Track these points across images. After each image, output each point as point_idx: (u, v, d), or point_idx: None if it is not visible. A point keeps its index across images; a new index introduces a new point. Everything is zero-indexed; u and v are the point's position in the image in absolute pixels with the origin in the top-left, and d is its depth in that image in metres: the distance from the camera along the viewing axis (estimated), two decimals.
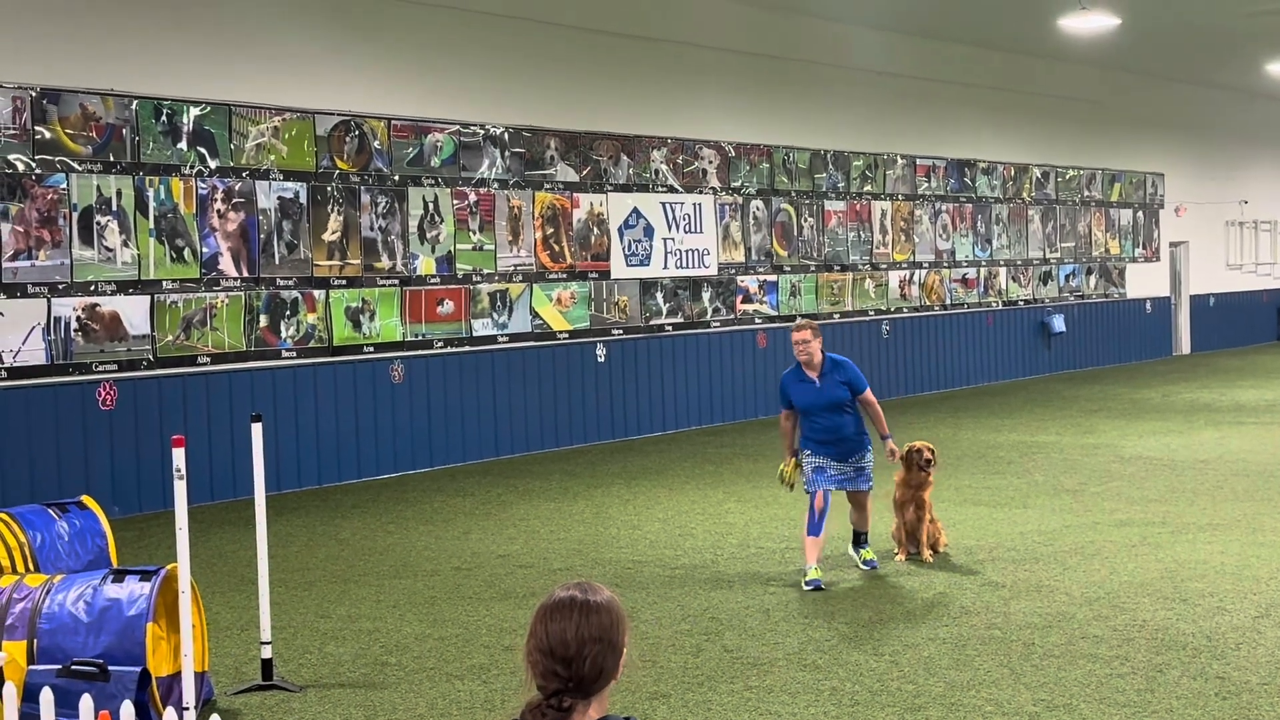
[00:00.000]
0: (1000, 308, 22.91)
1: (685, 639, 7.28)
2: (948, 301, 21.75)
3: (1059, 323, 23.94)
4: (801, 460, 8.90)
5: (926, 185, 21.25)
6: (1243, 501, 10.87)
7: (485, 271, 14.82)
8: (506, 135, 15.02)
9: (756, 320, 18.20)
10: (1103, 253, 25.48)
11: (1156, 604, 7.67)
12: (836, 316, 19.49)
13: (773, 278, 18.44)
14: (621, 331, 16.32)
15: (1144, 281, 26.67)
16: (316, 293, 13.34)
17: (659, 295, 16.81)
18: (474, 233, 14.71)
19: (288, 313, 13.12)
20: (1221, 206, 29.08)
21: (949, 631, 7.26)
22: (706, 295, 17.46)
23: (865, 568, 8.96)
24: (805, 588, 8.35)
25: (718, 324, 17.64)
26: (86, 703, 2.99)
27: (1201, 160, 28.61)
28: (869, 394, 9.07)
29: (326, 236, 13.42)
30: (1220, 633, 7.02)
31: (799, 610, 7.83)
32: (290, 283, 13.13)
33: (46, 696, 3.15)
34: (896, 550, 9.21)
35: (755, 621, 7.60)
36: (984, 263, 22.54)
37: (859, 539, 9.16)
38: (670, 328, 16.97)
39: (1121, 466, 13.02)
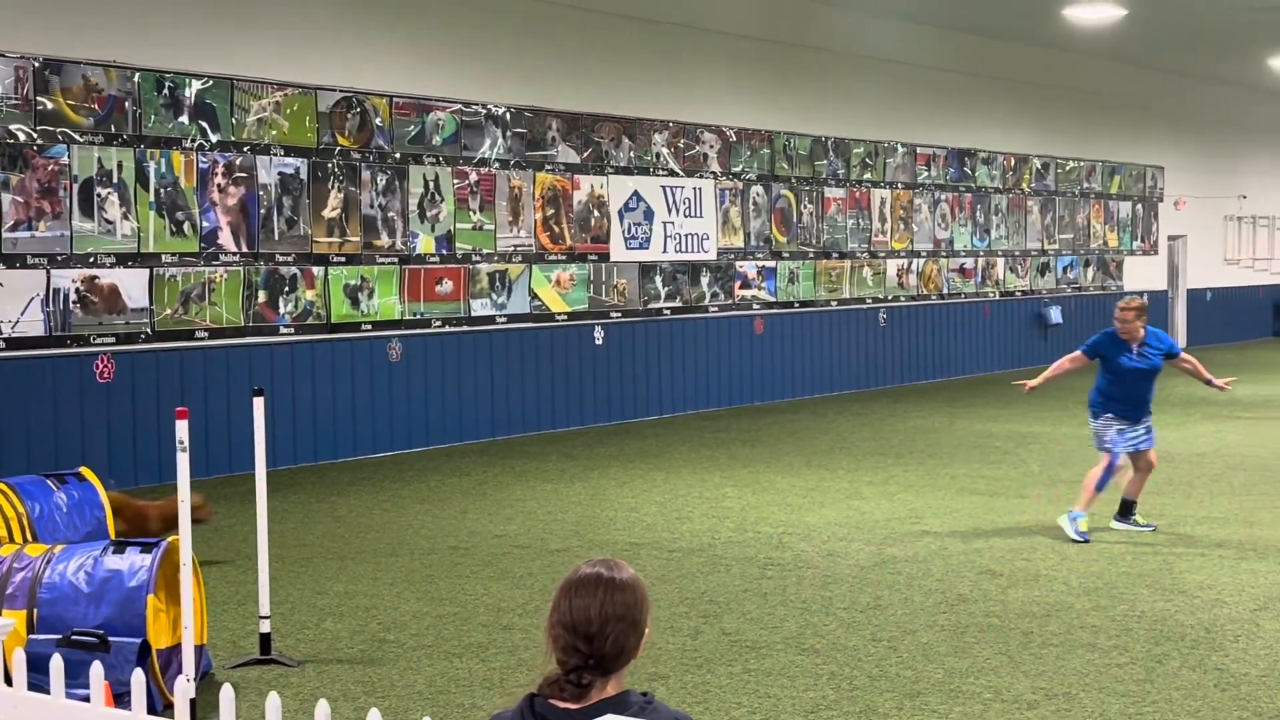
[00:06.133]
0: (997, 298, 22.91)
1: (683, 621, 7.28)
2: (945, 291, 21.74)
3: (1056, 314, 23.94)
4: (1098, 423, 9.50)
5: (926, 174, 21.22)
6: (1239, 495, 10.89)
7: (485, 251, 14.79)
8: (508, 115, 14.97)
9: (755, 306, 18.18)
10: (1101, 245, 25.48)
11: (1155, 595, 7.68)
12: (834, 304, 19.48)
13: (771, 264, 18.42)
14: (620, 314, 16.30)
15: (1142, 275, 26.67)
16: (315, 269, 13.31)
17: (658, 279, 16.79)
18: (474, 212, 14.67)
19: (286, 289, 13.08)
20: (1220, 201, 29.08)
21: (948, 619, 7.26)
22: (705, 280, 17.44)
23: (1148, 529, 9.49)
24: (1076, 539, 9.11)
25: (716, 309, 17.62)
26: (97, 670, 2.98)
27: (1201, 154, 28.60)
28: (1184, 354, 9.78)
29: (326, 213, 13.37)
30: (1219, 625, 7.03)
31: (796, 595, 7.82)
32: (289, 259, 13.09)
33: (57, 664, 3.13)
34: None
35: (753, 605, 7.60)
36: (982, 253, 22.53)
37: (1129, 509, 9.64)
38: (668, 312, 16.95)
39: None
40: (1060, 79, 23.96)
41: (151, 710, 4.83)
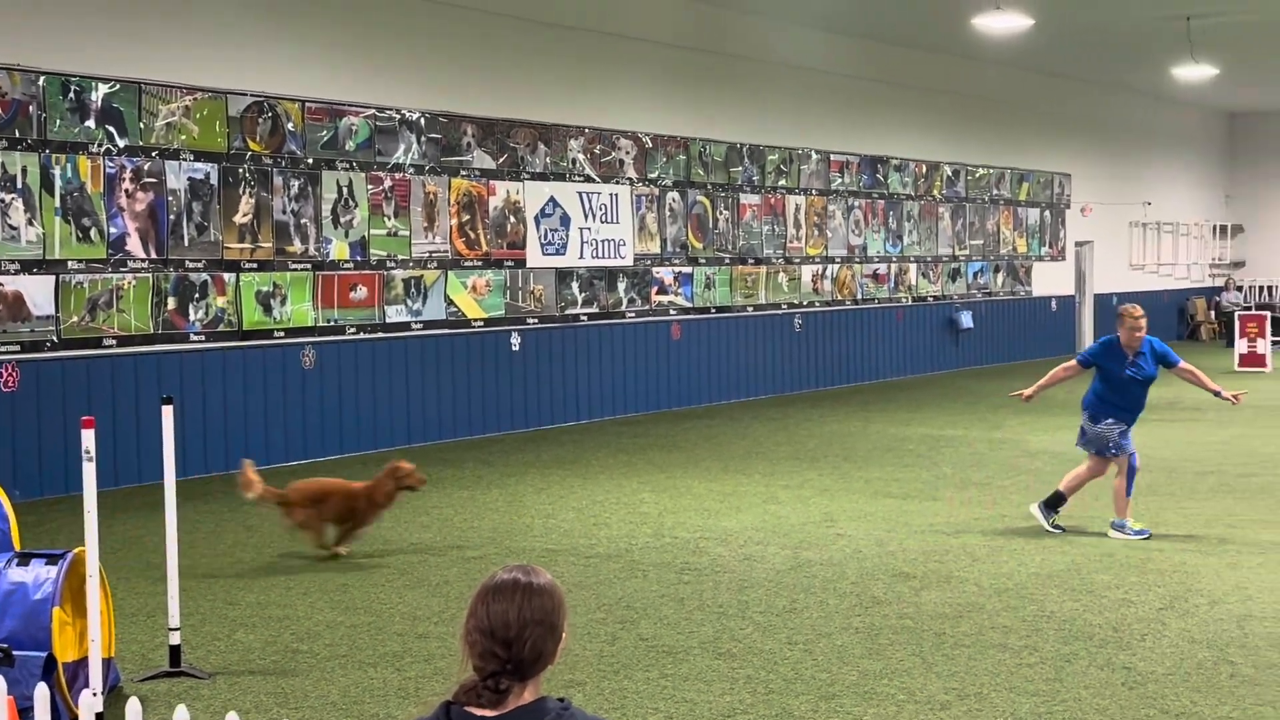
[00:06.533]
0: (910, 303, 23.17)
1: (600, 628, 7.27)
2: (859, 296, 21.96)
3: (967, 319, 24.27)
4: (1100, 427, 9.61)
5: (840, 180, 21.42)
6: (1145, 495, 11.08)
7: (399, 258, 14.68)
8: (423, 120, 14.89)
9: (671, 311, 18.23)
10: (1010, 251, 25.87)
11: (1064, 595, 7.80)
12: (750, 310, 19.58)
13: (688, 270, 18.48)
14: (537, 321, 16.26)
15: (1050, 280, 27.13)
16: (226, 276, 13.13)
17: (575, 285, 16.78)
18: (388, 218, 14.57)
19: (197, 296, 12.89)
20: (1126, 207, 29.66)
21: (862, 621, 7.32)
22: (622, 286, 17.45)
23: (1058, 531, 9.62)
24: (1139, 537, 9.29)
25: (633, 314, 17.65)
26: (0, 685, 2.91)
27: (1108, 162, 29.16)
28: (1184, 364, 9.71)
29: (237, 219, 13.20)
30: (1126, 624, 7.16)
31: (713, 599, 7.85)
32: (200, 265, 12.91)
33: None
34: None
35: (670, 610, 7.62)
36: (895, 259, 22.78)
37: (1059, 503, 9.75)
38: (585, 318, 16.94)
39: (1028, 460, 13.23)
40: (971, 87, 24.31)
41: None
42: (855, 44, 21.34)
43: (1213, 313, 32.10)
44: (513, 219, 15.93)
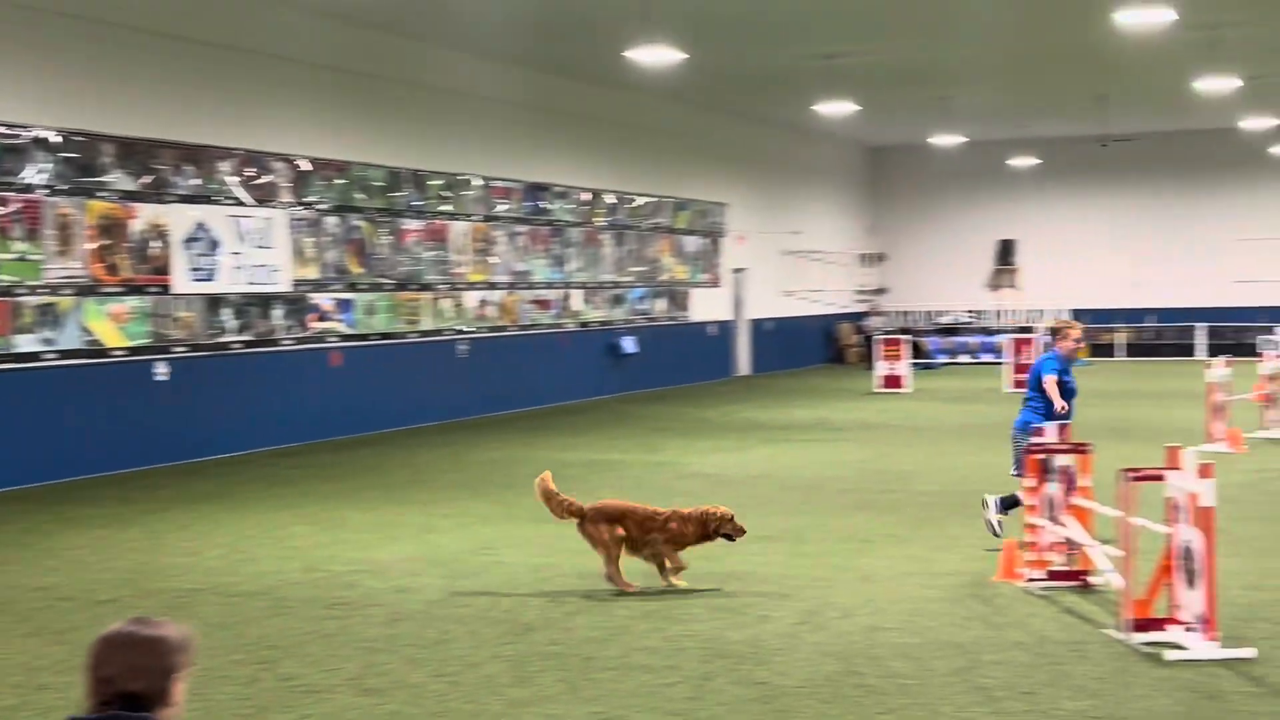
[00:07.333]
0: (574, 329, 23.47)
1: (239, 669, 6.97)
2: (524, 322, 22.08)
3: (630, 344, 24.79)
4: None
5: (503, 207, 21.50)
6: (790, 514, 11.54)
7: (30, 283, 13.77)
8: (60, 139, 14.03)
9: (330, 339, 17.82)
10: (670, 278, 26.60)
11: (709, 614, 7.99)
12: (413, 336, 19.37)
13: (348, 296, 18.12)
14: (185, 349, 15.57)
15: (708, 306, 28.05)
16: None
17: (227, 312, 16.16)
18: (18, 242, 13.64)
19: None
20: (778, 236, 31.01)
21: (512, 649, 7.29)
22: (278, 312, 16.93)
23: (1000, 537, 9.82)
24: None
25: (290, 342, 17.15)
26: None
27: (761, 192, 30.44)
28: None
29: None
30: (763, 640, 7.39)
31: (362, 634, 7.66)
32: None
33: None
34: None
35: (316, 647, 7.38)
36: (559, 285, 23.04)
37: (1016, 503, 9.76)
38: (239, 345, 16.35)
39: (683, 483, 13.56)
40: (631, 117, 24.90)
41: None
42: (517, 72, 21.50)
43: (858, 337, 33.90)
44: (158, 243, 15.21)
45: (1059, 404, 9.98)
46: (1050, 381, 10.01)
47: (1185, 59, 21.49)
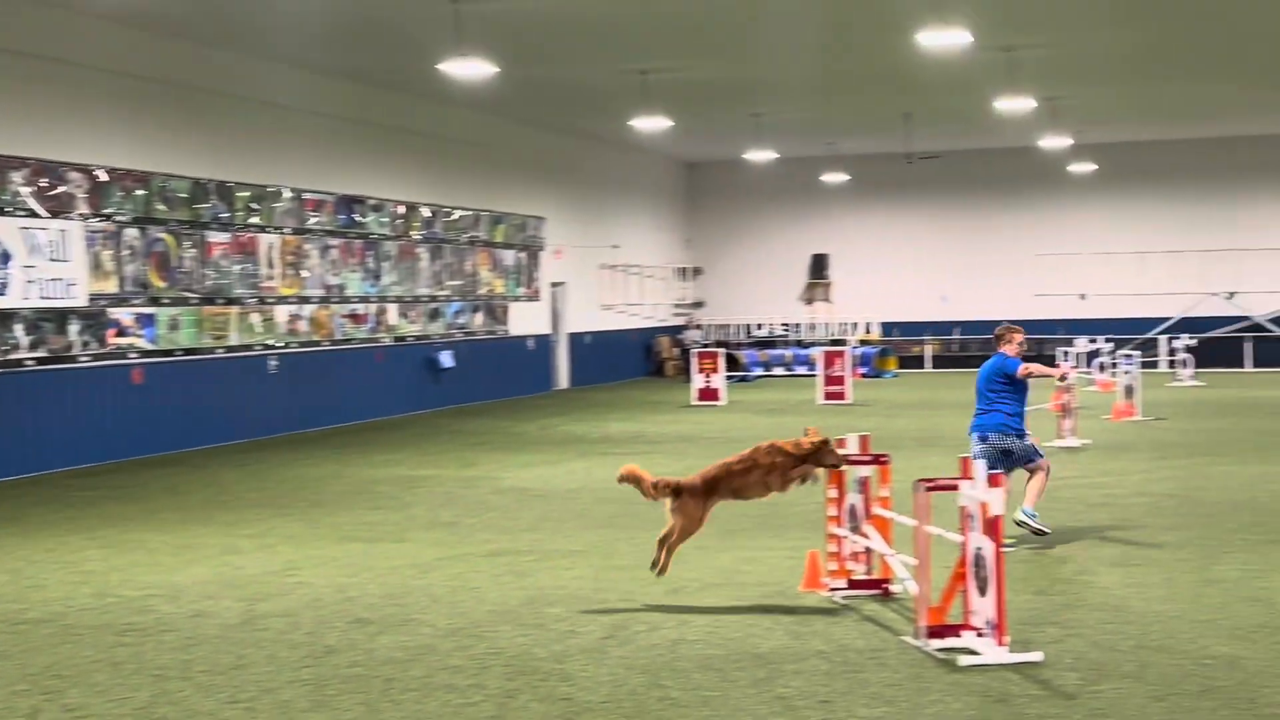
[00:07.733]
0: (390, 343, 23.15)
1: (21, 700, 6.66)
2: (338, 337, 21.69)
3: (447, 358, 24.56)
4: (1029, 441, 10.56)
5: (315, 219, 21.10)
6: (603, 528, 11.54)
7: None
8: None
9: (131, 355, 17.22)
10: (488, 291, 26.45)
11: (515, 630, 7.93)
12: (220, 351, 18.85)
13: (150, 310, 17.54)
14: None
15: (526, 319, 27.97)
16: None
17: (19, 328, 15.49)
18: None
19: None
20: (596, 250, 31.11)
21: (312, 672, 7.11)
22: (74, 328, 16.30)
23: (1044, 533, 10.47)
24: (1044, 529, 10.36)
25: (87, 358, 16.52)
26: None
27: (579, 206, 30.50)
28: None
29: None
30: (570, 655, 7.35)
31: (154, 661, 7.39)
32: None
33: None
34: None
35: (105, 676, 7.10)
36: (374, 299, 22.70)
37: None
38: (32, 362, 15.68)
39: (498, 498, 13.47)
40: (446, 130, 24.70)
41: None
42: (329, 82, 21.13)
43: (676, 350, 34.20)
44: None
45: (1057, 370, 11.62)
46: (1025, 365, 10.59)
47: (984, 80, 22.25)
